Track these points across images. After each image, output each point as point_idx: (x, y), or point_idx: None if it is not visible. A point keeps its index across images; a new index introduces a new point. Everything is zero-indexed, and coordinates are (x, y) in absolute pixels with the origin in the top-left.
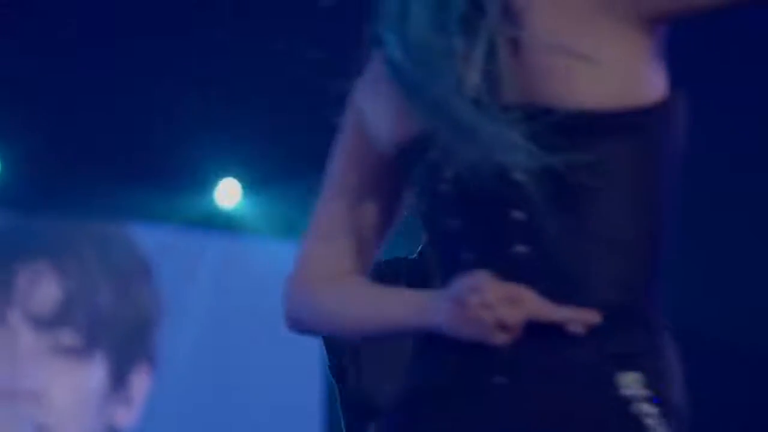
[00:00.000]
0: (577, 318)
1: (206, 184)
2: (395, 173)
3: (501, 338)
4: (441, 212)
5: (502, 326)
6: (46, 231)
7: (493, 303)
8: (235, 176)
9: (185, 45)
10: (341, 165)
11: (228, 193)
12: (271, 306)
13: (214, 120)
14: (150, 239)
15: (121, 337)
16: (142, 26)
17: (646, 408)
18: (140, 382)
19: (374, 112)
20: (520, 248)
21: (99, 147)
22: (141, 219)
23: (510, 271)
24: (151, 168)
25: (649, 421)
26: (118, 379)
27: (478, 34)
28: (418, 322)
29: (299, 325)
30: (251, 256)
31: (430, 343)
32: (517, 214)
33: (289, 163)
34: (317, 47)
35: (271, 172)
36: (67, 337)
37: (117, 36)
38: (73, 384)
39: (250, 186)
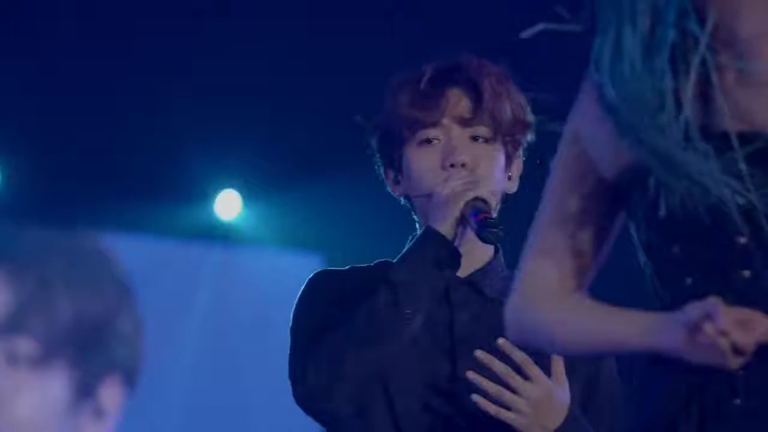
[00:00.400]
0: None
1: (206, 196)
2: (613, 197)
3: (735, 362)
4: (660, 238)
5: (736, 351)
6: (14, 240)
7: (727, 329)
8: (235, 188)
9: (185, 49)
10: (562, 188)
11: (228, 205)
12: (272, 317)
13: (213, 132)
14: (149, 251)
15: (86, 349)
16: (142, 27)
17: None
18: (112, 395)
19: (594, 139)
20: (745, 272)
21: (97, 159)
22: (140, 231)
23: (736, 295)
24: (150, 180)
25: None
26: (85, 391)
27: (690, 64)
28: (643, 343)
29: (523, 339)
30: (251, 268)
31: (656, 365)
32: (741, 240)
33: (288, 175)
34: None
35: (271, 184)
36: (23, 345)
37: (116, 36)
38: (33, 393)
39: (249, 198)
